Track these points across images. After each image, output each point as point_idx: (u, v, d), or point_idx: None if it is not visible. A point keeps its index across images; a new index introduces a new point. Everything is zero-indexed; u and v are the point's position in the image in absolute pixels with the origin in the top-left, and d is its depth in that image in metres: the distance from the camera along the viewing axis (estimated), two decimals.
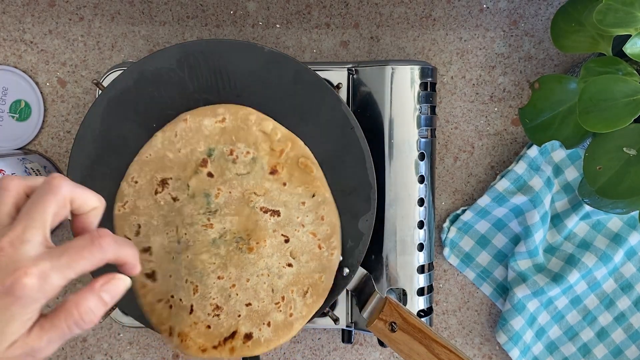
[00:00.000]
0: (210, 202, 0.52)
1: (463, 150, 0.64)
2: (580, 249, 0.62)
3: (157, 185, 0.52)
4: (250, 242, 0.51)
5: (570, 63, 0.64)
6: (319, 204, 0.52)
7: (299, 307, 0.51)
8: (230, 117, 0.52)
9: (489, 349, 0.65)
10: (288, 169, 0.52)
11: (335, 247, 0.51)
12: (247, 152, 0.52)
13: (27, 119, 0.63)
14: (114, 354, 0.65)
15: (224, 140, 0.52)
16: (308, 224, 0.52)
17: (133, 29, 0.63)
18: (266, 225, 0.51)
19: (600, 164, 0.48)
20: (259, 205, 0.51)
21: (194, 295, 0.51)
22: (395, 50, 0.64)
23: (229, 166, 0.52)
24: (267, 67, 0.52)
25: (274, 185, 0.52)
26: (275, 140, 0.52)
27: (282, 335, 0.51)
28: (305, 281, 0.51)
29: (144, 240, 0.52)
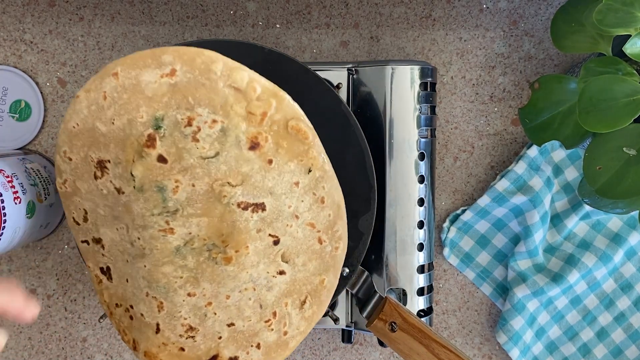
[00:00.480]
0: (168, 199, 0.38)
1: (463, 150, 0.64)
2: (580, 249, 0.62)
3: (95, 168, 0.39)
4: (227, 251, 0.38)
5: (570, 63, 0.64)
6: (317, 181, 0.39)
7: (295, 322, 0.41)
8: (184, 67, 0.36)
9: (489, 349, 0.65)
10: (274, 139, 0.37)
11: (340, 237, 0.41)
12: (213, 120, 0.36)
13: (27, 119, 0.63)
14: (114, 354, 0.65)
15: (177, 103, 0.36)
16: (304, 211, 0.39)
17: (133, 29, 0.63)
18: (247, 226, 0.38)
19: (600, 164, 0.48)
20: (235, 201, 0.38)
21: (159, 313, 0.40)
22: (395, 50, 0.64)
23: (188, 145, 0.36)
24: (267, 67, 0.52)
25: (255, 167, 0.37)
26: (253, 99, 0.37)
27: (275, 357, 0.42)
28: (302, 289, 0.41)
29: (93, 229, 0.41)
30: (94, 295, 0.65)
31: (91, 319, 0.65)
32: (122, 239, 0.40)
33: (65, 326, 0.65)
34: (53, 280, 0.64)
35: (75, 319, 0.65)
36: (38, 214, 0.56)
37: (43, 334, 0.65)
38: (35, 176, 0.57)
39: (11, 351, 0.65)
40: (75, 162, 0.39)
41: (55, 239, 0.64)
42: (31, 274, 0.64)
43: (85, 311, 0.65)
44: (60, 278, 0.65)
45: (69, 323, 0.65)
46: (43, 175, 0.59)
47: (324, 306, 0.42)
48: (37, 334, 0.65)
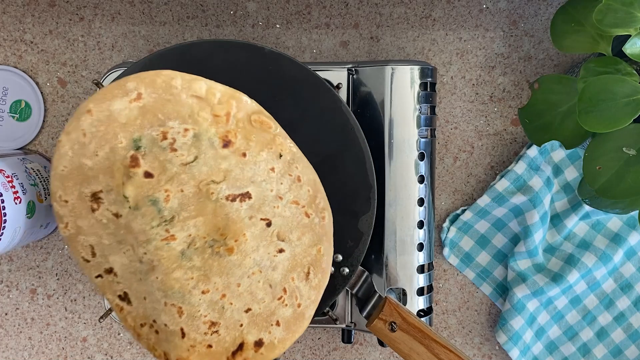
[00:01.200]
0: (162, 210, 0.41)
1: (463, 150, 0.64)
2: (580, 248, 0.62)
3: (90, 202, 0.42)
4: (227, 242, 0.41)
5: (570, 63, 0.64)
6: (290, 163, 0.42)
7: (305, 293, 0.43)
8: (147, 89, 0.40)
9: (489, 349, 0.65)
10: (243, 135, 0.41)
11: (323, 208, 0.43)
12: (185, 129, 0.40)
13: (28, 119, 0.63)
14: (114, 354, 0.65)
15: (149, 122, 0.40)
16: (286, 192, 0.42)
17: (133, 29, 0.64)
18: (239, 215, 0.41)
19: (599, 164, 0.48)
20: (223, 195, 0.41)
21: (180, 318, 0.42)
22: (395, 51, 0.64)
23: (168, 156, 0.40)
24: (267, 67, 0.52)
25: (232, 162, 0.41)
26: (215, 104, 0.40)
27: (295, 329, 0.44)
28: (303, 261, 0.43)
29: (103, 261, 0.43)
30: (94, 295, 0.65)
31: (91, 319, 0.65)
32: (130, 261, 0.42)
33: (66, 326, 0.65)
34: (53, 280, 0.65)
35: (76, 318, 0.65)
36: (38, 214, 0.56)
37: (43, 333, 0.65)
38: (35, 176, 0.57)
39: (11, 351, 0.65)
40: (72, 202, 0.42)
41: (56, 239, 0.64)
42: (31, 274, 0.65)
43: (85, 311, 0.65)
44: (60, 278, 0.65)
45: (69, 323, 0.65)
46: (43, 175, 0.59)
47: (326, 273, 0.44)
48: (38, 334, 0.65)
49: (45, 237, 0.64)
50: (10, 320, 0.65)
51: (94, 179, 0.41)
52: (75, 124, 0.41)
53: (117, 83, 0.40)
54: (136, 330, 0.44)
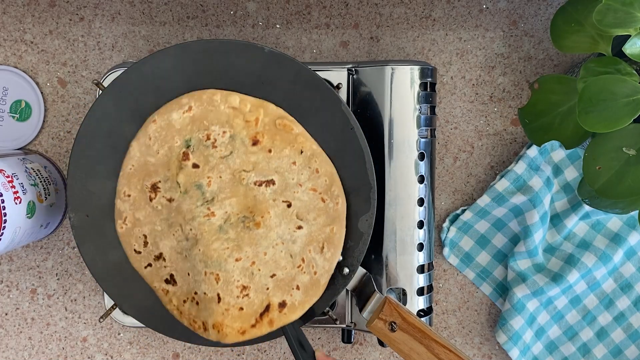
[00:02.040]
0: (205, 192, 0.51)
1: (463, 150, 0.64)
2: (580, 248, 0.62)
3: (150, 192, 0.52)
4: (255, 218, 0.51)
5: (570, 63, 0.64)
6: (310, 158, 0.52)
7: (320, 263, 0.51)
8: (196, 103, 0.52)
9: (489, 349, 0.65)
10: (269, 135, 0.52)
11: (338, 195, 0.52)
12: (223, 132, 0.52)
13: (28, 119, 0.63)
14: (114, 354, 0.65)
15: (197, 127, 0.52)
16: (305, 181, 0.52)
17: (133, 29, 0.64)
18: (264, 197, 0.51)
19: (599, 164, 0.48)
20: (251, 181, 0.51)
21: (217, 284, 0.51)
22: (395, 51, 0.64)
23: (211, 152, 0.52)
24: (267, 67, 0.52)
25: (260, 156, 0.51)
26: (246, 112, 0.51)
27: (313, 293, 0.52)
28: (319, 237, 0.52)
29: (154, 249, 0.53)
30: (95, 295, 0.65)
31: (91, 319, 0.65)
32: (178, 241, 0.52)
33: (66, 326, 0.65)
34: (53, 280, 0.65)
35: (76, 318, 0.65)
36: (38, 214, 0.56)
37: (43, 333, 0.65)
38: (35, 176, 0.57)
39: (11, 351, 0.65)
40: (134, 196, 0.53)
41: (56, 239, 0.64)
42: (31, 274, 0.65)
43: (85, 311, 0.65)
44: (60, 278, 0.65)
45: (70, 323, 0.65)
46: (43, 175, 0.59)
47: (338, 249, 0.52)
48: (38, 334, 0.65)
49: (45, 237, 0.64)
50: (10, 320, 0.65)
51: (154, 173, 0.52)
52: (144, 131, 0.52)
53: (175, 100, 0.52)
54: (179, 308, 0.53)
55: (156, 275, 0.53)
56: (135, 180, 0.52)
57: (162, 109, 0.52)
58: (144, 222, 0.53)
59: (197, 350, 0.65)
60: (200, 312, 0.52)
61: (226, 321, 0.51)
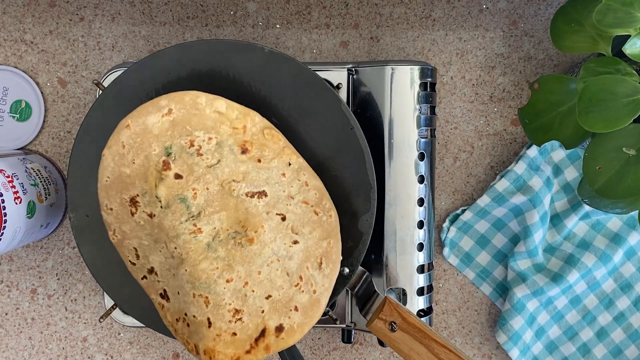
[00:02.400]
0: (190, 206, 0.46)
1: (463, 150, 0.64)
2: (580, 248, 0.62)
3: (130, 207, 0.47)
4: (248, 233, 0.46)
5: (570, 63, 0.64)
6: (298, 171, 0.48)
7: (319, 281, 0.47)
8: (177, 105, 0.46)
9: (489, 349, 0.65)
10: (257, 144, 0.47)
11: (329, 208, 0.48)
12: (209, 138, 0.46)
13: (28, 119, 0.63)
14: (114, 354, 0.65)
15: (178, 133, 0.46)
16: (296, 194, 0.47)
17: (133, 29, 0.64)
18: (257, 209, 0.46)
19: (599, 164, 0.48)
20: (243, 192, 0.46)
21: (207, 308, 0.46)
22: (395, 51, 0.64)
23: (195, 160, 0.46)
24: (267, 67, 0.52)
25: (249, 166, 0.46)
26: (233, 119, 0.46)
27: (312, 314, 0.48)
28: (316, 253, 0.47)
29: (145, 262, 0.49)
30: (95, 295, 0.65)
31: (92, 319, 0.65)
32: (165, 258, 0.48)
33: (66, 326, 0.65)
34: (53, 280, 0.65)
35: (76, 318, 0.65)
36: (38, 214, 0.56)
37: (43, 333, 0.65)
38: (35, 176, 0.57)
39: (11, 351, 0.65)
40: (115, 210, 0.48)
41: (56, 239, 0.64)
42: (31, 274, 0.65)
43: (85, 311, 0.65)
44: (60, 278, 0.65)
45: (70, 323, 0.65)
46: (43, 175, 0.59)
47: (337, 264, 0.48)
48: (38, 334, 0.65)
49: (45, 237, 0.64)
50: (10, 320, 0.65)
51: (131, 185, 0.47)
52: (116, 138, 0.47)
53: (151, 102, 0.46)
54: (173, 326, 0.49)
55: (152, 288, 0.50)
56: (114, 193, 0.48)
57: (135, 112, 0.46)
58: (131, 236, 0.48)
59: None
60: (192, 334, 0.47)
61: (218, 347, 0.46)
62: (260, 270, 0.47)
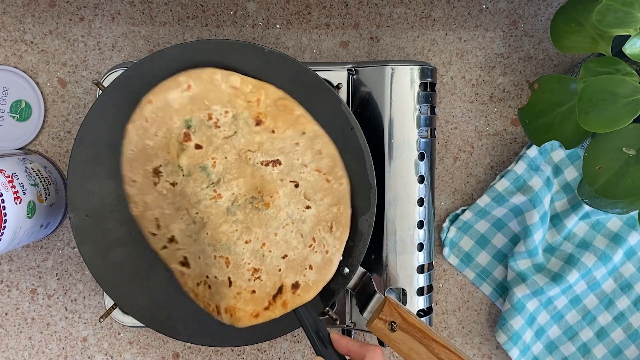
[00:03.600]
0: (210, 174, 0.50)
1: (463, 150, 0.64)
2: (580, 248, 0.62)
3: (153, 177, 0.51)
4: (264, 198, 0.50)
5: (570, 63, 0.64)
6: (312, 139, 0.51)
7: (331, 242, 0.51)
8: (195, 82, 0.50)
9: (489, 349, 0.65)
10: (271, 116, 0.50)
11: (341, 176, 0.51)
12: (225, 111, 0.50)
13: (28, 119, 0.63)
14: (114, 354, 0.65)
15: (197, 107, 0.50)
16: (309, 162, 0.51)
17: (133, 29, 0.64)
18: (272, 177, 0.50)
19: (599, 164, 0.48)
20: (258, 160, 0.50)
21: (227, 268, 0.50)
22: (395, 51, 0.64)
23: (214, 132, 0.50)
24: (267, 67, 0.52)
25: (264, 137, 0.50)
26: (247, 92, 0.50)
27: (325, 272, 0.51)
28: (327, 217, 0.51)
29: (166, 232, 0.52)
30: (95, 295, 0.65)
31: (91, 319, 0.65)
32: (187, 225, 0.51)
33: (66, 326, 0.65)
34: (53, 280, 0.65)
35: (76, 318, 0.65)
36: (38, 214, 0.56)
37: (43, 333, 0.65)
38: (35, 176, 0.57)
39: (11, 351, 0.65)
40: (139, 181, 0.51)
41: (56, 239, 0.64)
42: (31, 274, 0.65)
43: (85, 311, 0.65)
44: (60, 278, 0.65)
45: (70, 323, 0.65)
46: (43, 175, 0.59)
47: (346, 229, 0.51)
48: (38, 334, 0.65)
49: (45, 237, 0.64)
50: (10, 320, 0.65)
51: (154, 156, 0.51)
52: (139, 113, 0.50)
53: (170, 79, 0.50)
54: (194, 291, 0.52)
55: (172, 257, 0.53)
56: (137, 165, 0.51)
57: (157, 89, 0.50)
58: (153, 206, 0.52)
59: (197, 350, 0.65)
60: (213, 295, 0.51)
61: (238, 305, 0.50)
62: (276, 232, 0.50)
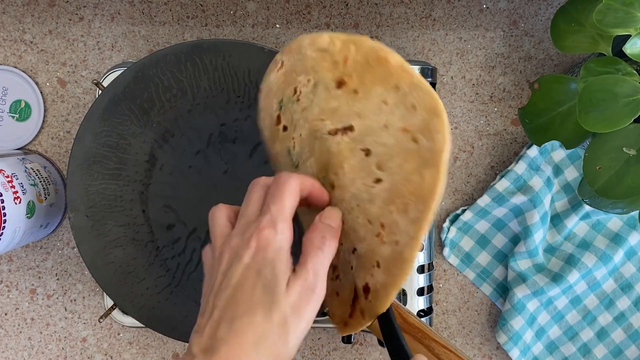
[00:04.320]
0: (292, 156, 0.44)
1: (463, 150, 0.64)
2: (580, 249, 0.62)
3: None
4: (330, 177, 0.41)
5: (570, 63, 0.64)
6: (406, 94, 0.39)
7: (403, 227, 0.37)
8: (286, 56, 0.44)
9: (489, 349, 0.65)
10: (358, 75, 0.40)
11: (437, 131, 0.37)
12: (308, 80, 0.42)
13: (27, 119, 0.63)
14: (114, 354, 0.65)
15: (287, 83, 0.43)
16: (396, 121, 0.38)
17: (133, 29, 0.63)
18: (339, 147, 0.40)
19: (600, 164, 0.48)
20: (326, 130, 0.41)
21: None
22: (395, 50, 0.64)
23: (295, 107, 0.43)
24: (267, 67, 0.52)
25: (342, 100, 0.41)
26: (335, 52, 0.41)
27: (396, 273, 0.38)
28: (403, 191, 0.38)
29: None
30: (94, 295, 0.65)
31: (91, 319, 0.65)
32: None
33: (65, 326, 0.65)
34: (53, 280, 0.65)
35: (75, 319, 0.65)
36: (38, 214, 0.56)
37: (43, 334, 0.65)
38: (35, 176, 0.57)
39: (11, 351, 0.65)
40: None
41: (56, 239, 0.64)
42: (31, 274, 0.65)
43: (85, 311, 0.65)
44: (60, 278, 0.65)
45: (69, 323, 0.65)
46: (43, 175, 0.59)
47: (428, 204, 0.37)
48: (37, 334, 0.65)
49: (45, 237, 0.64)
50: (10, 320, 0.65)
51: (270, 149, 0.46)
52: (259, 105, 0.47)
53: (273, 60, 0.45)
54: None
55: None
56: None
57: (265, 74, 0.46)
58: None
59: None
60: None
61: (333, 308, 0.42)
62: (344, 220, 0.40)
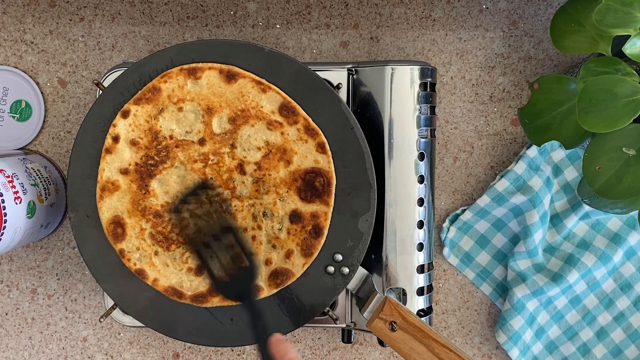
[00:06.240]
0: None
1: (463, 150, 0.64)
2: (580, 248, 0.62)
3: None
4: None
5: (570, 63, 0.64)
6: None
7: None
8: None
9: (489, 349, 0.65)
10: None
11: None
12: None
13: (28, 119, 0.63)
14: (114, 354, 0.65)
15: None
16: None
17: (133, 30, 0.64)
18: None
19: (599, 164, 0.48)
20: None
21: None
22: (395, 51, 0.64)
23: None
24: (267, 67, 0.52)
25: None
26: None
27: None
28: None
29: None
30: (95, 295, 0.65)
31: (92, 319, 0.65)
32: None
33: (66, 326, 0.65)
34: (53, 280, 0.65)
35: (76, 318, 0.65)
36: (38, 214, 0.56)
37: (43, 333, 0.65)
38: (35, 176, 0.57)
39: (12, 351, 0.65)
40: None
41: (56, 239, 0.64)
42: (32, 274, 0.65)
43: (85, 311, 0.65)
44: (60, 278, 0.65)
45: (70, 323, 0.65)
46: (43, 175, 0.59)
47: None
48: (38, 334, 0.65)
49: (45, 237, 0.64)
50: (10, 320, 0.65)
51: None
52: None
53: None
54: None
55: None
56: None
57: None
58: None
59: (197, 350, 0.65)
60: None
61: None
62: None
